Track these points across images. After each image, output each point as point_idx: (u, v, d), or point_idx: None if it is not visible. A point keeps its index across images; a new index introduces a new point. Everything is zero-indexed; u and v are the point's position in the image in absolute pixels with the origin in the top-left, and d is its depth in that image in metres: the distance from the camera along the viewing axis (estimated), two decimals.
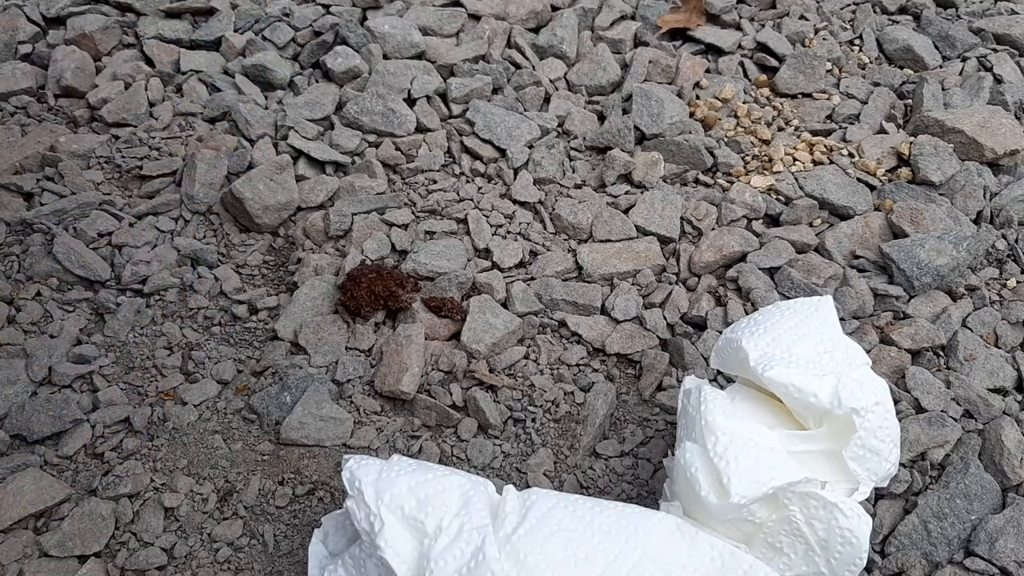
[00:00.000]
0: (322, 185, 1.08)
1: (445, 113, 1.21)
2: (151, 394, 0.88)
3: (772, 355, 0.70)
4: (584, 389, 0.92)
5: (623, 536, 0.61)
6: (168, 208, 1.05)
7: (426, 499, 0.61)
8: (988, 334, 0.98)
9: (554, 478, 0.85)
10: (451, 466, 0.84)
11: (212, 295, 0.98)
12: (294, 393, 0.87)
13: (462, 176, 1.14)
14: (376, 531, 0.59)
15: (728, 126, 1.23)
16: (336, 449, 0.85)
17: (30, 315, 0.92)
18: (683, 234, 1.08)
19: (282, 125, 1.15)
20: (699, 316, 0.98)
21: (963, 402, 0.90)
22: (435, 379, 0.91)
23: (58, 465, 0.81)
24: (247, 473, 0.83)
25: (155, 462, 0.83)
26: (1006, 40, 1.40)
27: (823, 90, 1.31)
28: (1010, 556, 0.77)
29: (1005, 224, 1.10)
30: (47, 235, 0.99)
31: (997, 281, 1.05)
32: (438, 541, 0.58)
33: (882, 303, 1.00)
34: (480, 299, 0.97)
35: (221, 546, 0.77)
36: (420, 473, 0.64)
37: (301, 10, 1.34)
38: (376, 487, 0.62)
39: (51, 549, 0.74)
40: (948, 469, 0.85)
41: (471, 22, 1.36)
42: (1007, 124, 1.18)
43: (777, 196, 1.12)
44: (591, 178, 1.16)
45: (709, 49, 1.38)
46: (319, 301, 0.97)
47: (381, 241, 1.03)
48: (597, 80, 1.29)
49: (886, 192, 1.13)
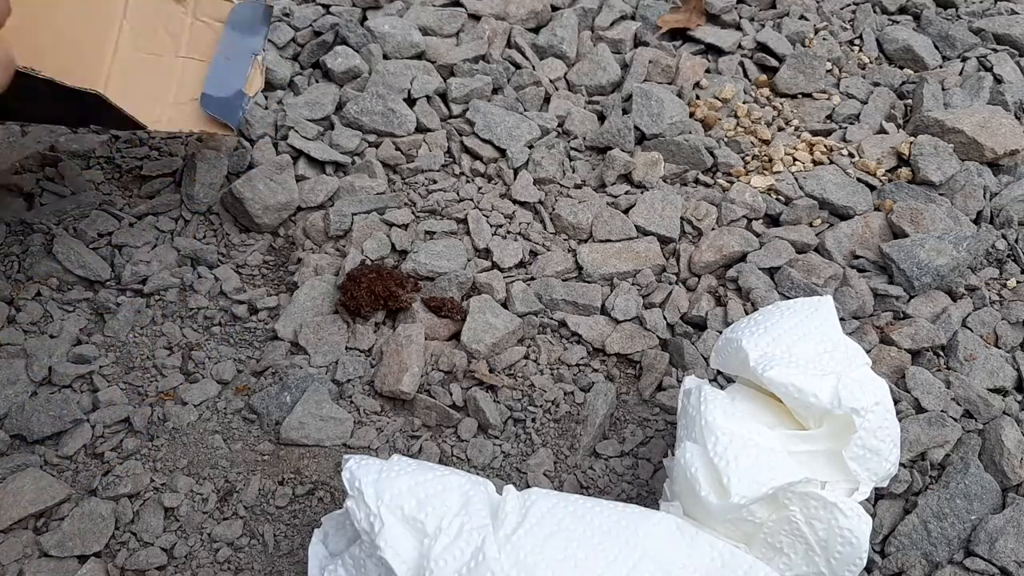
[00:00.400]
0: (322, 185, 1.08)
1: (445, 113, 1.21)
2: (151, 394, 0.88)
3: (772, 355, 0.70)
4: (584, 389, 0.92)
5: (623, 536, 0.61)
6: (168, 208, 1.06)
7: (426, 499, 0.61)
8: (988, 334, 0.98)
9: (554, 478, 0.85)
10: (451, 466, 0.84)
11: (212, 295, 0.98)
12: (294, 393, 0.87)
13: (462, 176, 1.14)
14: (376, 531, 0.59)
15: (728, 126, 1.23)
16: (336, 449, 0.85)
17: (30, 315, 0.92)
18: (683, 234, 1.08)
19: (282, 125, 1.15)
20: (699, 316, 0.98)
21: (963, 402, 0.90)
22: (435, 379, 0.91)
23: (58, 465, 0.81)
24: (247, 473, 0.83)
25: (155, 462, 0.83)
26: (1006, 40, 1.40)
27: (823, 90, 1.31)
28: (1010, 556, 0.77)
29: (1005, 224, 1.10)
30: (47, 235, 0.99)
31: (997, 281, 1.05)
32: (438, 541, 0.58)
33: (882, 303, 1.00)
34: (480, 299, 0.97)
35: (221, 546, 0.77)
36: (420, 473, 0.64)
37: (301, 10, 1.34)
38: (376, 487, 0.62)
39: (51, 549, 0.74)
40: (948, 469, 0.85)
41: (471, 22, 1.36)
42: (1007, 124, 1.18)
43: (777, 196, 1.12)
44: (591, 178, 1.16)
45: (709, 49, 1.38)
46: (319, 301, 0.97)
47: (381, 241, 1.03)
48: (597, 80, 1.29)
49: (886, 192, 1.13)
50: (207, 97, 0.96)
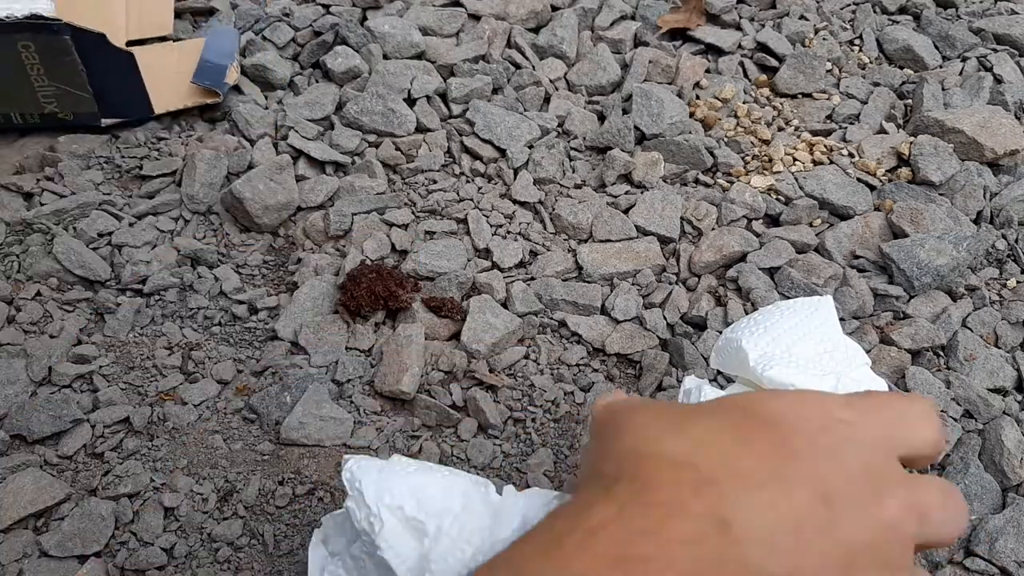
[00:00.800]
0: (322, 185, 1.08)
1: (445, 113, 1.21)
2: (151, 394, 0.88)
3: (772, 355, 0.70)
4: (584, 389, 0.92)
5: None
6: (168, 208, 1.06)
7: (427, 500, 0.61)
8: (988, 334, 0.98)
9: (554, 478, 0.85)
10: (451, 466, 0.84)
11: (212, 295, 0.98)
12: (294, 393, 0.87)
13: (462, 176, 1.14)
14: (376, 531, 0.59)
15: (728, 126, 1.23)
16: (336, 449, 0.85)
17: (30, 315, 0.92)
18: (683, 234, 1.08)
19: (282, 125, 1.15)
20: (699, 316, 0.98)
21: (963, 402, 0.90)
22: (435, 379, 0.91)
23: (58, 465, 0.81)
24: (247, 473, 0.83)
25: (155, 462, 0.83)
26: (1006, 40, 1.40)
27: (823, 90, 1.31)
28: (1010, 556, 0.77)
29: (1005, 224, 1.10)
30: (47, 235, 0.99)
31: (997, 281, 1.05)
32: (439, 542, 0.58)
33: (882, 303, 1.00)
34: (480, 299, 0.97)
35: (221, 546, 0.77)
36: (421, 474, 0.64)
37: (301, 10, 1.34)
38: (376, 487, 0.62)
39: (51, 549, 0.74)
40: (948, 469, 0.85)
41: (471, 22, 1.36)
42: (1007, 124, 1.18)
43: (777, 196, 1.12)
44: (591, 178, 1.16)
45: (709, 49, 1.38)
46: (319, 301, 0.97)
47: (381, 241, 1.03)
48: (597, 80, 1.29)
49: (886, 192, 1.13)
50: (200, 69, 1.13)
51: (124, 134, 1.13)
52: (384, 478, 0.63)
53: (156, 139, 1.13)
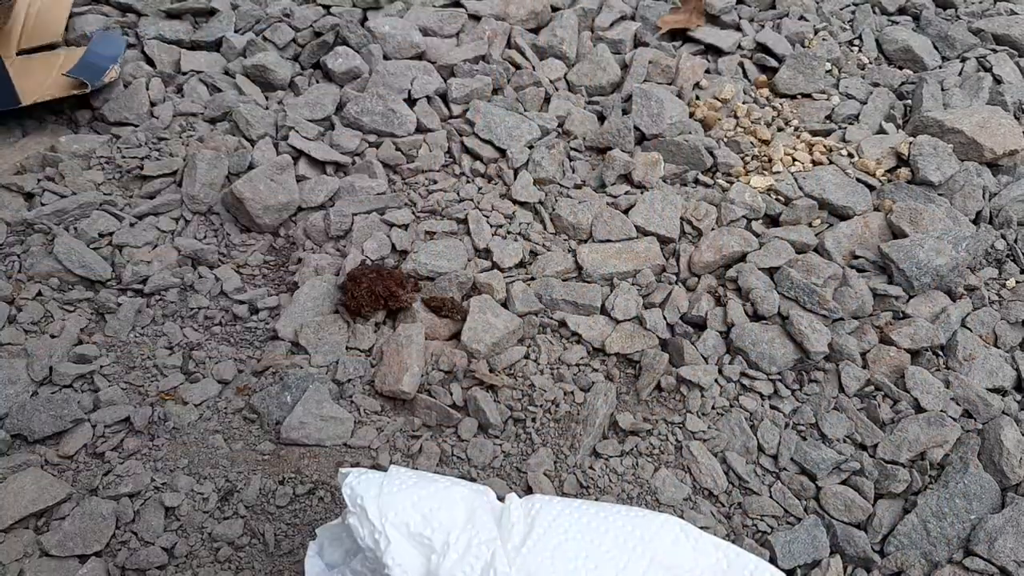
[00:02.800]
0: (322, 185, 1.08)
1: (445, 113, 1.21)
2: (152, 394, 0.88)
3: None
4: (584, 389, 0.92)
5: (630, 543, 0.61)
6: (169, 208, 1.06)
7: (431, 514, 0.61)
8: (987, 334, 0.98)
9: (554, 478, 0.85)
10: (451, 466, 0.85)
11: (212, 295, 0.98)
12: (294, 393, 0.87)
13: (462, 176, 1.14)
14: (383, 549, 0.59)
15: (728, 126, 1.23)
16: (336, 449, 0.85)
17: (31, 315, 0.92)
18: (683, 234, 1.08)
19: (282, 125, 1.15)
20: (699, 316, 0.98)
21: (962, 402, 0.90)
22: (435, 379, 0.91)
23: (59, 465, 0.82)
24: (247, 473, 0.83)
25: (156, 462, 0.83)
26: (1006, 40, 1.41)
27: (823, 90, 1.31)
28: (1009, 555, 0.77)
29: (1004, 224, 1.10)
30: (48, 235, 0.99)
31: (996, 281, 1.05)
32: (447, 557, 0.58)
33: (881, 303, 1.00)
34: (480, 299, 0.97)
35: (221, 545, 0.77)
36: (421, 487, 0.63)
37: (301, 11, 1.34)
38: (379, 504, 0.61)
39: (52, 548, 0.74)
40: (947, 469, 0.85)
41: (471, 22, 1.36)
42: (1006, 124, 1.19)
43: (777, 196, 1.13)
44: (591, 178, 1.16)
45: (709, 49, 1.38)
46: (319, 301, 0.97)
47: (381, 241, 1.03)
48: (597, 80, 1.29)
49: (885, 192, 1.13)
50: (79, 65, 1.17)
51: (125, 134, 1.13)
52: (386, 494, 0.62)
53: (157, 139, 1.13)
